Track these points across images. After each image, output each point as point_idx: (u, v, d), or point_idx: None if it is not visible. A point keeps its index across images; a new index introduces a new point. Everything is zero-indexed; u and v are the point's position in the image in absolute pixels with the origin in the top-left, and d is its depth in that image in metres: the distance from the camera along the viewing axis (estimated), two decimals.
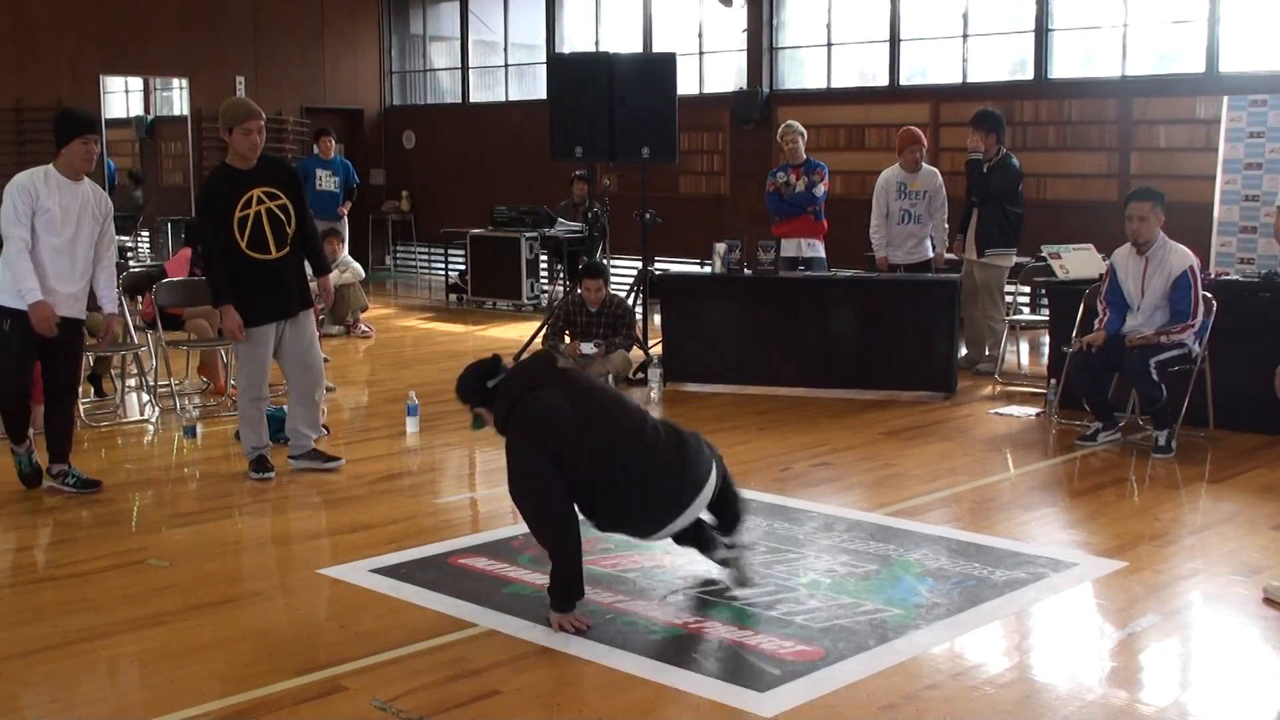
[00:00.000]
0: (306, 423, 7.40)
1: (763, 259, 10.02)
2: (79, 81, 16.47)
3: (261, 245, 6.98)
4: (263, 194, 6.98)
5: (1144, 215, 7.76)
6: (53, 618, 5.07)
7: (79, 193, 6.65)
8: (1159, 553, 5.83)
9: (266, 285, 7.02)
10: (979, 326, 10.46)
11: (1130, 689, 4.36)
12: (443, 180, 19.45)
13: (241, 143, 6.93)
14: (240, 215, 6.91)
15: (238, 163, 7.00)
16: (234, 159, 7.01)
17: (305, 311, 7.27)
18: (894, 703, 4.21)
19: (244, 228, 6.92)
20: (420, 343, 12.97)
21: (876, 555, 5.75)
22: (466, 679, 4.40)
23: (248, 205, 6.92)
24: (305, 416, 7.39)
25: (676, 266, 15.46)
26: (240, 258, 6.94)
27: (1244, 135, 11.07)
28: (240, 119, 6.92)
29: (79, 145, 6.55)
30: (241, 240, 6.92)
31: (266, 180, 7.02)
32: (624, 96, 10.75)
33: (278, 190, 7.04)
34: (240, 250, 6.93)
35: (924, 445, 8.05)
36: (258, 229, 6.95)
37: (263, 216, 6.96)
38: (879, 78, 14.90)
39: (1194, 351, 7.80)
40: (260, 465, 7.24)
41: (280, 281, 7.08)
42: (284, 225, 7.05)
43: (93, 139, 6.60)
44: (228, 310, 6.96)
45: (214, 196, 7.00)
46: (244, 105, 7.03)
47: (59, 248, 6.59)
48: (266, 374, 7.24)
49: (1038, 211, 12.53)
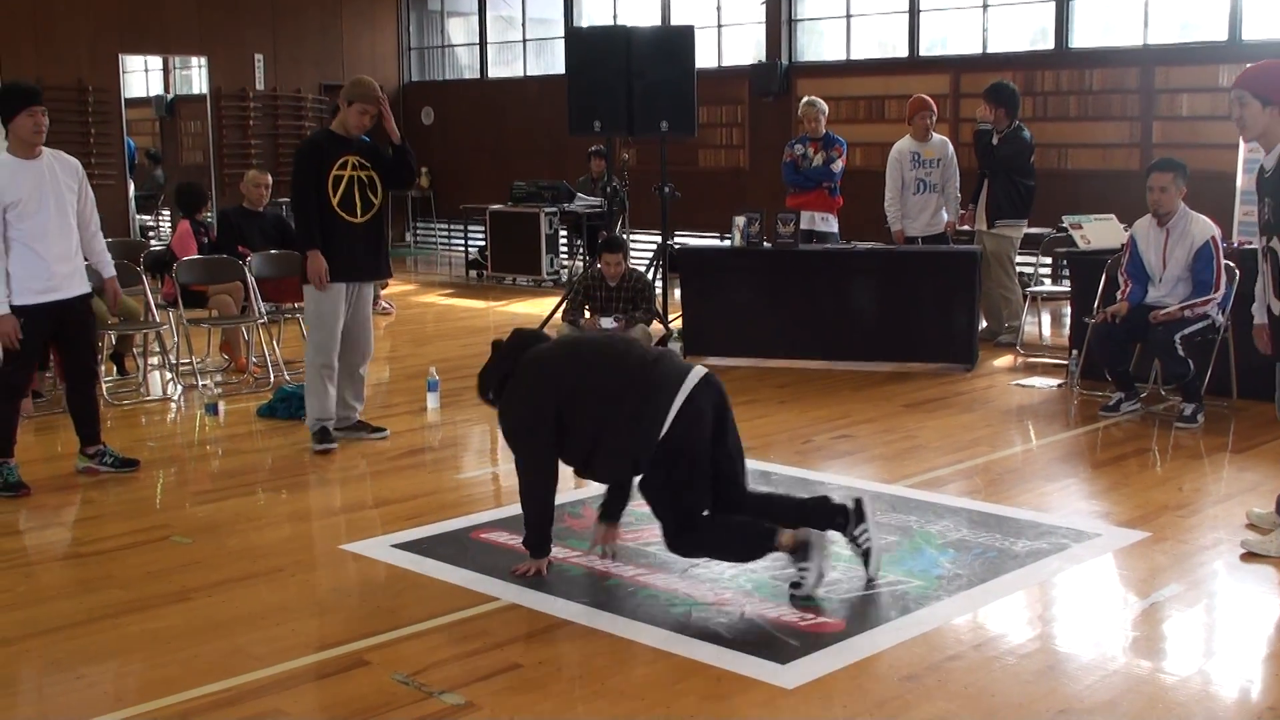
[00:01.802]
0: (352, 394, 7.59)
1: (782, 232, 9.99)
2: (98, 60, 16.50)
3: (350, 207, 7.25)
4: (357, 161, 7.27)
5: (1165, 186, 7.71)
6: (78, 595, 5.10)
7: (40, 169, 6.45)
8: (1182, 523, 5.81)
9: (347, 245, 7.26)
10: (994, 297, 10.42)
11: (1153, 659, 4.36)
12: (462, 156, 19.43)
13: (353, 119, 7.23)
14: (336, 174, 7.18)
15: (341, 131, 7.30)
16: (339, 127, 7.31)
17: (369, 286, 7.58)
18: (916, 673, 4.21)
19: (337, 186, 7.19)
20: (441, 319, 12.98)
21: (897, 527, 5.74)
22: (488, 653, 4.41)
23: (344, 167, 7.21)
24: (351, 389, 7.56)
25: (696, 240, 15.45)
26: (329, 214, 7.20)
27: None
28: (360, 97, 7.23)
29: (25, 119, 6.37)
30: (334, 197, 7.19)
31: (362, 153, 7.33)
32: (642, 70, 10.71)
33: (369, 163, 7.32)
34: (331, 206, 7.20)
35: (945, 417, 8.03)
36: (349, 191, 7.24)
37: (355, 182, 7.25)
38: (899, 49, 14.81)
39: (1217, 321, 7.76)
40: (323, 436, 7.36)
41: (359, 245, 7.33)
42: (370, 196, 7.32)
43: (38, 110, 6.39)
44: (314, 254, 7.17)
45: (315, 149, 7.31)
46: (367, 89, 7.29)
47: (43, 231, 6.42)
48: (336, 340, 7.33)
49: (1059, 181, 12.49)
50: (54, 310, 6.53)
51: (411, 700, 4.05)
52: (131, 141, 17.62)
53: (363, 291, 7.49)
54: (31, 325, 6.44)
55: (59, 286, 6.52)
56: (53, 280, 6.49)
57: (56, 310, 6.54)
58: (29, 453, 7.15)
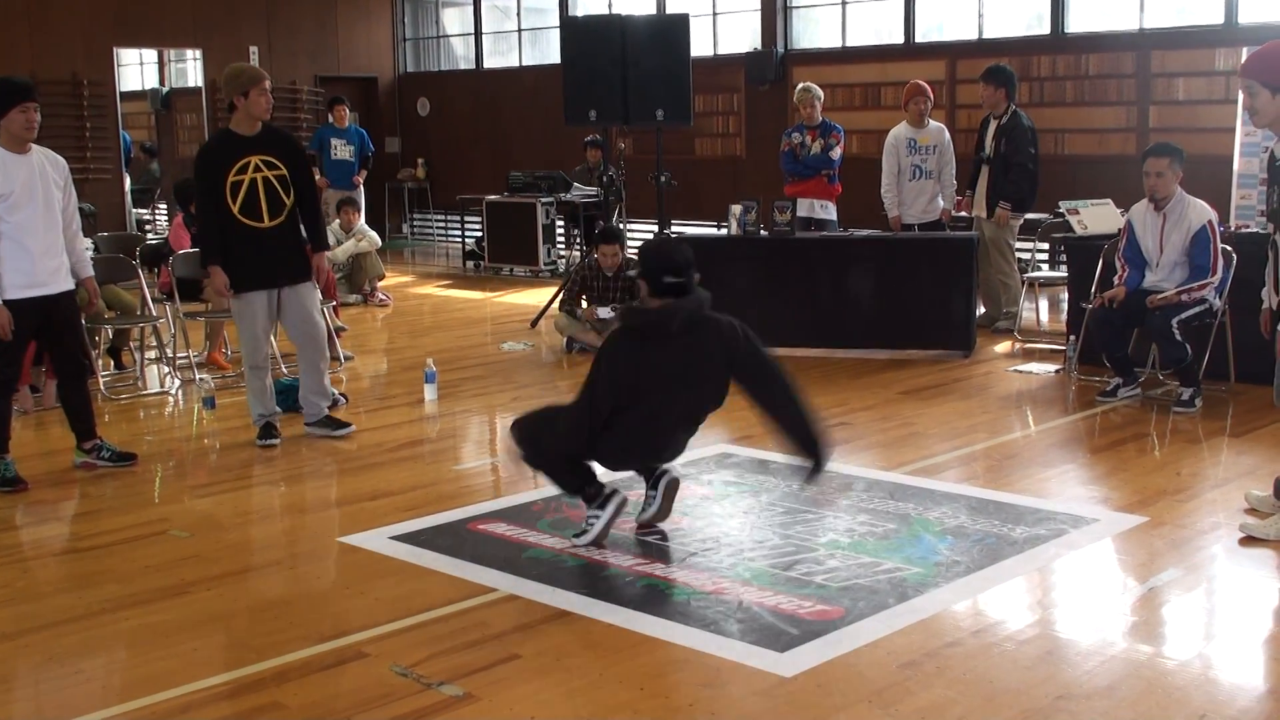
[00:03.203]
0: (315, 390, 7.50)
1: (779, 220, 9.98)
2: (92, 54, 16.45)
3: (254, 213, 7.01)
4: (261, 162, 7.02)
5: (1161, 171, 7.70)
6: (76, 590, 5.10)
7: (31, 164, 6.44)
8: (1180, 507, 5.81)
9: (255, 252, 7.05)
10: (992, 284, 10.41)
11: (1152, 643, 4.36)
12: (458, 147, 19.39)
13: (258, 104, 7.00)
14: (234, 180, 6.94)
15: (241, 128, 7.05)
16: (238, 124, 7.06)
17: (305, 284, 7.30)
18: (915, 660, 4.21)
19: (237, 192, 6.96)
20: (438, 310, 12.97)
21: (896, 514, 5.74)
22: (486, 644, 4.41)
23: (243, 171, 6.96)
24: (313, 384, 7.50)
25: (693, 229, 15.43)
26: (231, 222, 6.98)
27: None
28: (257, 79, 7.01)
29: (18, 115, 6.33)
30: (234, 205, 6.96)
31: (267, 149, 7.07)
32: (637, 59, 10.68)
33: (277, 160, 7.08)
34: (232, 215, 6.97)
35: (943, 404, 8.03)
36: (252, 196, 6.99)
37: (258, 184, 7.00)
38: (894, 35, 14.77)
39: (1215, 306, 7.75)
40: (265, 433, 7.32)
41: (271, 250, 7.10)
42: (280, 196, 7.08)
43: (31, 107, 6.36)
44: (215, 270, 7.02)
45: (208, 158, 7.05)
46: (252, 68, 7.13)
47: (31, 225, 6.41)
48: (261, 343, 7.27)
49: (1056, 166, 12.46)
50: (40, 305, 6.51)
51: (410, 692, 4.05)
52: (127, 135, 17.60)
53: (296, 290, 7.25)
54: (18, 320, 6.42)
55: (45, 282, 6.50)
56: (39, 275, 6.46)
57: (43, 305, 6.52)
58: (26, 448, 7.15)
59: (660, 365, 5.17)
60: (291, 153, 7.22)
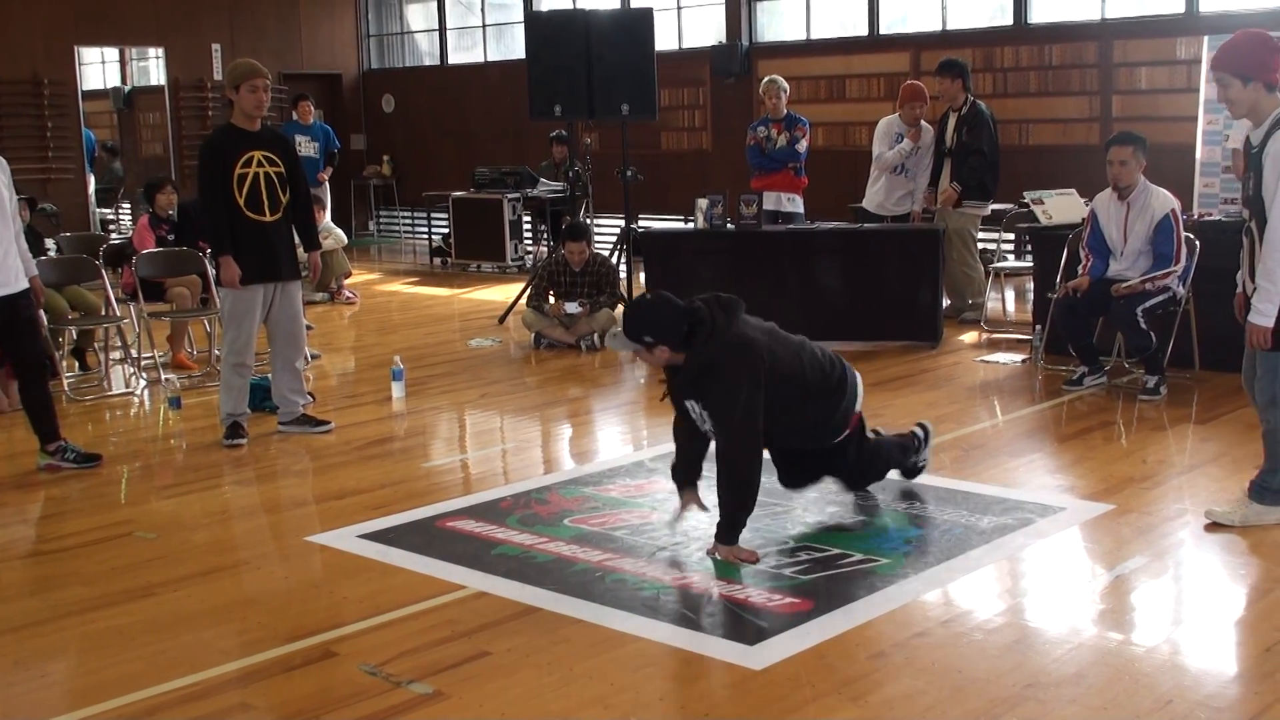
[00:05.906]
0: (292, 389, 7.50)
1: (746, 213, 9.99)
2: (53, 53, 16.29)
3: (257, 206, 7.08)
4: (263, 157, 7.10)
5: (1124, 160, 7.73)
6: (42, 592, 5.06)
7: None
8: (1146, 494, 5.85)
9: (259, 246, 7.11)
10: (956, 275, 10.45)
11: (1120, 630, 4.38)
12: (423, 143, 19.32)
13: (248, 100, 7.05)
14: (240, 172, 7.01)
15: (242, 123, 7.13)
16: (238, 119, 7.13)
17: (295, 282, 7.36)
18: (883, 651, 4.22)
19: (242, 185, 7.02)
20: (405, 307, 12.92)
21: (864, 506, 5.75)
22: (456, 641, 4.40)
23: (248, 164, 7.04)
24: (290, 383, 7.48)
25: (659, 223, 15.43)
26: (237, 214, 7.04)
27: None
28: (247, 76, 7.05)
29: None
30: (240, 197, 7.02)
31: (268, 146, 7.16)
32: (602, 53, 10.68)
33: (276, 157, 7.16)
34: (237, 207, 7.03)
35: (911, 395, 8.05)
36: (255, 190, 7.06)
37: (260, 179, 7.07)
38: (859, 28, 14.80)
39: (1178, 294, 7.80)
40: (233, 432, 7.28)
41: (273, 245, 7.17)
42: (279, 193, 7.16)
43: None
44: (227, 260, 7.02)
45: (217, 149, 7.11)
46: (250, 64, 7.16)
47: None
48: (252, 340, 7.24)
49: (1020, 157, 12.51)
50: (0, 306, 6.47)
51: (380, 691, 4.03)
52: (91, 134, 17.45)
53: (287, 288, 7.30)
54: None
55: (5, 282, 6.47)
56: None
57: (2, 306, 6.48)
58: None
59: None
60: (289, 153, 7.32)
